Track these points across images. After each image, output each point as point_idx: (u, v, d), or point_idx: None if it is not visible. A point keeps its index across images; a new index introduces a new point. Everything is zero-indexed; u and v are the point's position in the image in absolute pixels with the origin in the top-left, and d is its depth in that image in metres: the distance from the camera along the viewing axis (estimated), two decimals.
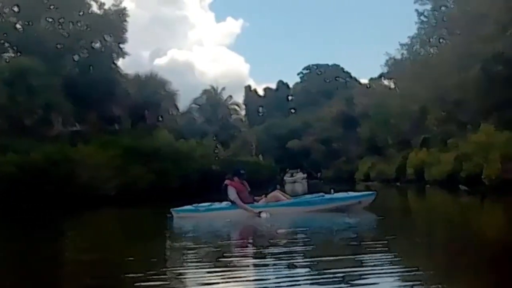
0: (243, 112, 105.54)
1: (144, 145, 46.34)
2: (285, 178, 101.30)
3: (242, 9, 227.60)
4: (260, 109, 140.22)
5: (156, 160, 45.55)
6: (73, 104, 46.59)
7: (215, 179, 53.78)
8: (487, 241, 12.39)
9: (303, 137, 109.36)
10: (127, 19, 55.59)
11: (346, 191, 22.11)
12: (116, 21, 54.26)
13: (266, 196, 20.26)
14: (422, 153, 51.32)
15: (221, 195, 20.27)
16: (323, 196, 20.37)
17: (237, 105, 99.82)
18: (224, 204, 20.25)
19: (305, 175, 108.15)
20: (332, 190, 20.52)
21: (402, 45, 65.35)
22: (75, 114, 48.14)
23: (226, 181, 20.22)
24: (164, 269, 10.09)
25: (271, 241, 13.61)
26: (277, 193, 20.50)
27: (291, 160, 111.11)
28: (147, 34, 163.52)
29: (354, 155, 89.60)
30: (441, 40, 57.99)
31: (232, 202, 19.81)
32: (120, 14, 54.92)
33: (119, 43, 54.97)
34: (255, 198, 20.31)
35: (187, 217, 19.94)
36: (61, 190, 36.81)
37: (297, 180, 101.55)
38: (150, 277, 9.00)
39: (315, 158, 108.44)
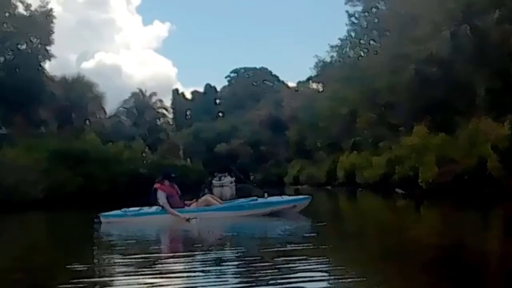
0: (170, 116, 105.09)
1: (71, 148, 45.79)
2: (213, 182, 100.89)
3: (169, 13, 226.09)
4: (188, 113, 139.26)
5: (84, 164, 45.05)
6: None
7: (143, 182, 53.95)
8: (423, 245, 12.26)
9: (231, 140, 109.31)
10: (54, 21, 54.68)
11: (280, 195, 21.96)
12: (42, 23, 53.30)
13: (197, 201, 19.97)
14: (353, 156, 51.61)
15: (151, 199, 19.87)
16: (256, 200, 20.15)
17: (165, 108, 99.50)
18: (153, 209, 19.77)
19: (233, 179, 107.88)
20: (265, 194, 20.32)
21: (332, 47, 65.47)
22: (1, 116, 47.15)
23: (156, 185, 19.77)
24: (89, 278, 9.44)
25: (201, 247, 13.46)
26: (208, 197, 20.27)
27: (219, 164, 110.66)
28: (74, 37, 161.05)
29: (283, 158, 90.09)
30: (371, 42, 58.41)
31: (162, 206, 19.41)
32: (47, 16, 53.99)
33: (45, 45, 54.01)
34: (186, 202, 19.97)
35: (115, 222, 19.41)
36: None
37: (225, 184, 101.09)
38: (74, 286, 8.66)
39: (244, 161, 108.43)
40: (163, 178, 20.07)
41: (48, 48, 54.35)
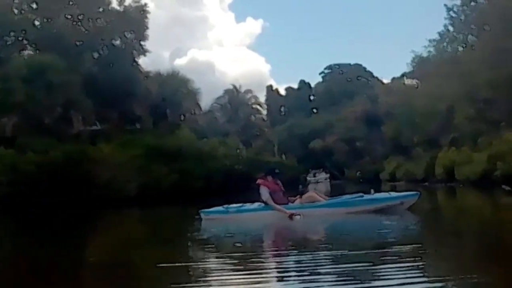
0: (264, 112, 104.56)
1: (166, 144, 45.36)
2: (307, 178, 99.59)
3: (262, 10, 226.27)
4: (282, 109, 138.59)
5: (179, 160, 44.59)
6: (93, 102, 45.54)
7: (238, 179, 53.88)
8: None
9: (326, 137, 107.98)
10: (148, 16, 54.36)
11: (388, 191, 20.54)
12: (136, 18, 52.98)
13: (301, 197, 18.81)
14: (452, 153, 49.75)
15: (251, 196, 19.38)
16: (362, 196, 18.73)
17: (259, 104, 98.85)
18: (256, 205, 18.81)
19: (328, 175, 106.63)
20: (372, 190, 18.99)
21: (430, 41, 63.83)
22: (95, 112, 47.06)
23: (259, 181, 18.75)
24: (191, 276, 9.11)
25: (303, 245, 12.49)
26: (313, 193, 19.04)
27: (313, 160, 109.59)
28: (166, 34, 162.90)
29: (379, 155, 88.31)
30: (470, 37, 56.51)
31: (265, 202, 18.32)
32: (141, 11, 53.64)
33: (139, 40, 53.78)
34: (290, 198, 18.84)
35: (216, 219, 18.60)
36: (81, 190, 35.86)
37: (319, 180, 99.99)
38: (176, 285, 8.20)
39: (338, 158, 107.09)
40: (266, 174, 18.94)
41: (142, 43, 54.15)
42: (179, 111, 60.30)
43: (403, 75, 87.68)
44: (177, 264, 10.23)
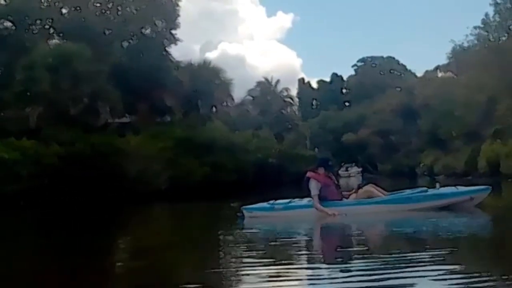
0: (296, 105, 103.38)
1: (197, 136, 44.55)
2: (339, 172, 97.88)
3: (292, 3, 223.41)
4: (314, 102, 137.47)
5: (210, 152, 43.70)
6: (121, 93, 44.08)
7: (272, 172, 52.55)
8: None
9: (359, 130, 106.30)
10: (179, 4, 52.79)
11: (454, 185, 18.27)
12: (167, 6, 51.46)
13: (357, 191, 16.68)
14: (497, 145, 47.97)
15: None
16: (426, 191, 16.67)
17: (291, 97, 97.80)
18: (305, 201, 16.71)
19: (360, 169, 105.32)
20: (437, 184, 17.12)
21: (475, 27, 61.71)
22: (124, 103, 45.53)
23: (309, 173, 16.53)
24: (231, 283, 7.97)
25: (356, 249, 10.71)
26: (370, 188, 16.73)
27: (345, 154, 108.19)
28: (197, 27, 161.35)
29: (414, 149, 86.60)
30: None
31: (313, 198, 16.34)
32: None
33: (170, 29, 52.20)
34: (344, 193, 16.79)
35: (261, 216, 16.61)
36: (109, 183, 34.57)
37: (352, 174, 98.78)
38: None
39: (372, 151, 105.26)
40: (318, 166, 16.77)
41: (173, 32, 52.56)
42: (210, 103, 58.99)
43: (436, 68, 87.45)
44: (215, 270, 8.85)
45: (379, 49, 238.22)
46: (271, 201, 17.07)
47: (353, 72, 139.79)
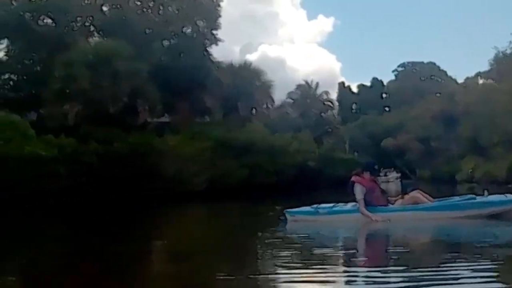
0: (336, 109, 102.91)
1: (237, 138, 44.42)
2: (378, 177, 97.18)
3: (334, 7, 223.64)
4: (354, 106, 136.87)
5: (250, 154, 43.40)
6: (161, 92, 43.81)
7: (311, 176, 52.04)
8: None
9: (398, 135, 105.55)
10: (221, 4, 52.49)
11: (504, 193, 17.42)
12: (208, 5, 51.21)
13: (403, 197, 16.12)
14: None
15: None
16: (474, 198, 16.06)
17: (331, 101, 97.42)
18: (350, 206, 16.20)
19: (399, 175, 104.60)
20: (485, 192, 16.22)
21: None
22: (163, 103, 45.25)
23: (354, 177, 15.97)
24: None
25: (406, 256, 10.13)
26: (417, 194, 16.08)
27: (384, 159, 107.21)
28: (237, 29, 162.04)
29: (455, 155, 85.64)
30: None
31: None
32: None
33: (211, 29, 51.84)
34: (390, 199, 16.26)
35: (304, 220, 16.16)
36: (146, 183, 34.27)
37: (390, 179, 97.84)
38: None
39: (410, 157, 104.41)
40: (363, 170, 16.21)
41: (214, 32, 52.18)
42: (250, 104, 58.58)
43: (477, 75, 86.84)
44: (253, 275, 8.40)
45: (419, 54, 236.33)
46: (315, 205, 16.60)
47: (393, 77, 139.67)
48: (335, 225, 15.40)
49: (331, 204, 16.59)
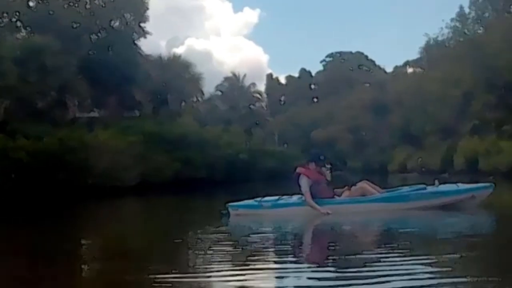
0: (265, 101, 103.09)
1: (168, 131, 44.05)
2: None
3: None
4: (282, 98, 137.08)
5: (181, 148, 43.33)
6: (90, 87, 43.55)
7: (243, 168, 52.16)
8: None
9: (328, 126, 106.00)
10: None
11: (455, 182, 16.79)
12: None
13: (350, 189, 15.74)
14: (475, 142, 47.40)
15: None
16: (425, 189, 15.70)
17: (259, 93, 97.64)
18: (295, 198, 15.84)
19: (329, 166, 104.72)
20: (436, 181, 15.93)
21: (453, 19, 61.47)
22: (92, 98, 44.89)
23: (299, 169, 15.60)
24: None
25: (352, 249, 9.78)
26: (364, 185, 15.70)
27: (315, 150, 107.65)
28: (163, 23, 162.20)
29: (386, 145, 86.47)
30: (492, 17, 54.38)
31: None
32: None
33: (139, 22, 51.66)
34: (336, 190, 15.83)
35: (248, 214, 15.71)
36: (77, 179, 33.76)
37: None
38: None
39: (341, 148, 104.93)
40: (309, 161, 15.89)
41: (142, 25, 52.04)
42: (180, 97, 58.53)
43: (406, 64, 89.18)
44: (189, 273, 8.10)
45: (348, 44, 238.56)
46: (258, 198, 16.26)
47: (321, 68, 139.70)
48: (280, 219, 14.93)
49: (276, 197, 16.25)
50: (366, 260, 8.33)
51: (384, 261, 7.96)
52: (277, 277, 7.67)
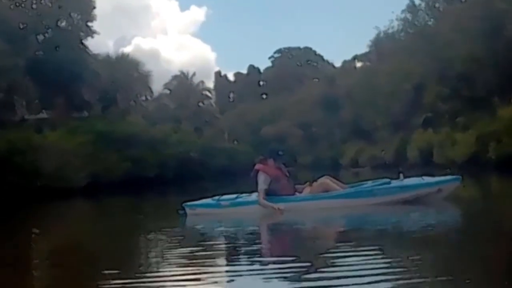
0: (214, 99, 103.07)
1: (117, 131, 43.70)
2: None
3: None
4: (231, 95, 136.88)
5: (131, 147, 43.10)
6: (38, 87, 43.24)
7: (194, 166, 52.16)
8: None
9: (278, 122, 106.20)
10: None
11: (420, 176, 16.09)
12: None
13: (311, 184, 15.22)
14: (429, 134, 47.69)
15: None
16: (389, 183, 15.21)
17: (208, 90, 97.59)
18: (254, 196, 15.21)
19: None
20: (401, 175, 15.38)
21: (404, 10, 61.52)
22: (40, 99, 44.49)
23: (257, 166, 15.17)
24: None
25: (309, 251, 9.48)
26: (326, 180, 15.17)
27: (264, 147, 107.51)
28: (110, 23, 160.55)
29: (337, 140, 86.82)
30: (442, 7, 54.79)
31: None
32: None
33: (87, 21, 51.21)
34: (297, 187, 15.36)
35: (206, 213, 15.37)
36: (26, 181, 33.39)
37: None
38: None
39: (291, 144, 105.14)
40: (267, 157, 15.33)
41: (89, 24, 51.57)
42: (129, 96, 58.17)
43: (354, 58, 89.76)
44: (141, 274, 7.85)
45: (297, 40, 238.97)
46: (216, 197, 15.79)
47: (270, 64, 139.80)
48: (239, 218, 14.61)
49: (234, 196, 15.71)
50: (329, 259, 8.18)
51: (348, 260, 7.76)
52: (236, 280, 7.39)
